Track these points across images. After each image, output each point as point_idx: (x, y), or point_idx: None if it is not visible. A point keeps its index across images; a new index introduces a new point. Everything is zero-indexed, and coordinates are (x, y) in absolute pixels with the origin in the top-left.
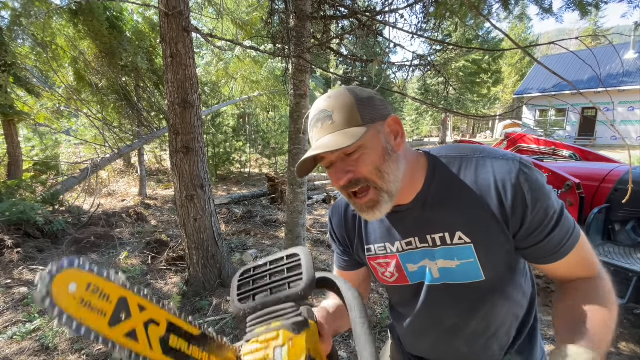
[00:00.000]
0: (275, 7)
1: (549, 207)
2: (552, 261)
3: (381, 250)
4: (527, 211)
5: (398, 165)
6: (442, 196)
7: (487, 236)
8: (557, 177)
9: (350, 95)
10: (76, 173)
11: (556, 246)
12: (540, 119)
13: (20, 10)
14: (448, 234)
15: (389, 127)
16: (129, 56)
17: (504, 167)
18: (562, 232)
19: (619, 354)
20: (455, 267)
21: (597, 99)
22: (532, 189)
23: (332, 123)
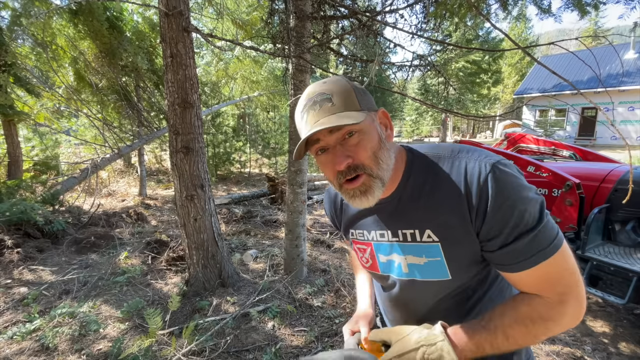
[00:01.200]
0: (275, 7)
1: (516, 213)
2: (512, 270)
3: (360, 235)
4: (487, 213)
5: (390, 155)
6: (416, 193)
7: (454, 236)
8: (557, 177)
9: (347, 83)
10: (76, 173)
11: (519, 255)
12: (540, 119)
13: (20, 10)
14: (418, 231)
15: (379, 119)
16: (129, 56)
17: (475, 167)
18: (531, 243)
19: (618, 354)
20: (423, 264)
21: (597, 99)
22: (499, 190)
23: (333, 105)
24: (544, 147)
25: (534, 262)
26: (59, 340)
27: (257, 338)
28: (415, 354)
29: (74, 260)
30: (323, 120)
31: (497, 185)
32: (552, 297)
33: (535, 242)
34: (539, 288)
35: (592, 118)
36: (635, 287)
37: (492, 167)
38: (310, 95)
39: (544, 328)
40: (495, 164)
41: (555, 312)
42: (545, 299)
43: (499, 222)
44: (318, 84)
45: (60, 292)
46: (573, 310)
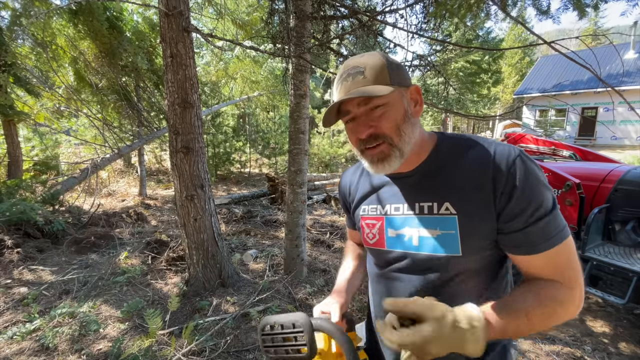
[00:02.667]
0: (275, 7)
1: (538, 196)
2: (529, 252)
3: (372, 210)
4: (515, 192)
5: (414, 129)
6: (440, 167)
7: (472, 210)
8: (557, 177)
9: (382, 58)
10: (76, 173)
11: (537, 237)
12: (540, 119)
13: (20, 10)
14: (437, 203)
15: (410, 94)
16: (129, 56)
17: (505, 150)
18: (547, 226)
19: (618, 354)
20: (436, 237)
21: (597, 99)
22: (525, 175)
23: (364, 78)
24: (543, 147)
25: (552, 244)
26: (59, 340)
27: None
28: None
29: (74, 260)
30: (353, 91)
31: (525, 168)
32: (563, 282)
33: (553, 225)
34: (553, 272)
35: (592, 118)
36: (635, 287)
37: (520, 152)
38: (346, 67)
39: (563, 311)
40: (523, 152)
41: (568, 296)
42: (558, 284)
43: (524, 202)
44: (355, 58)
45: (60, 292)
46: (579, 297)
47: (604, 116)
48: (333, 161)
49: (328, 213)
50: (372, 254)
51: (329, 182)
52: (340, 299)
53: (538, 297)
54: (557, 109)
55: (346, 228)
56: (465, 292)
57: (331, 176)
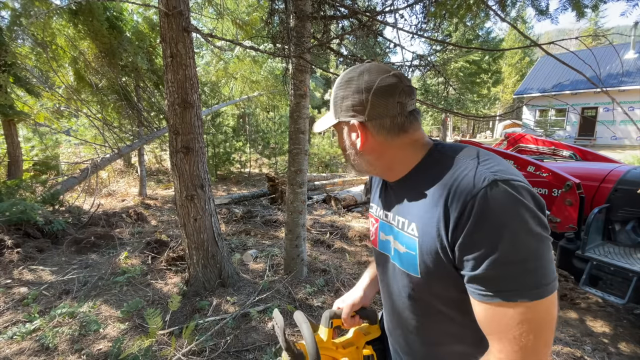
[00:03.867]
0: (275, 7)
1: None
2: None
3: (373, 210)
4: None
5: (362, 160)
6: (415, 185)
7: (430, 238)
8: (557, 177)
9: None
10: (76, 173)
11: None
12: (540, 119)
13: (20, 10)
14: (407, 221)
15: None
16: (129, 56)
17: (474, 179)
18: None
19: (618, 354)
20: (403, 253)
21: (597, 99)
22: (485, 213)
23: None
24: (543, 147)
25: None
26: (59, 340)
27: (257, 338)
28: None
29: (74, 260)
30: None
31: (488, 204)
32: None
33: (511, 278)
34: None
35: (592, 118)
36: (635, 287)
37: (489, 184)
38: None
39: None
40: (499, 180)
41: None
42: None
43: (475, 244)
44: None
45: (60, 292)
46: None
47: (604, 116)
48: (333, 161)
49: (328, 213)
50: (373, 250)
51: (329, 182)
52: (357, 294)
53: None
54: (557, 109)
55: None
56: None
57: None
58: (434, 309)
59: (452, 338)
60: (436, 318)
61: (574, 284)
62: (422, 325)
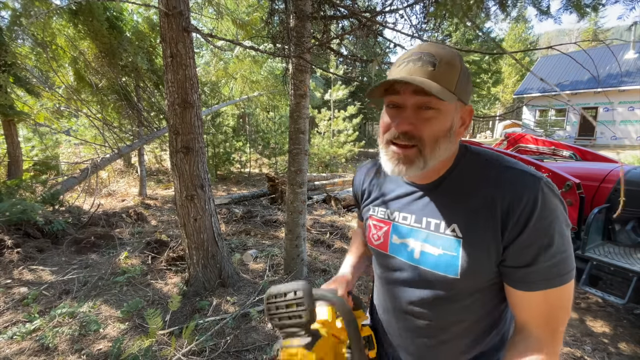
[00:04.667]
0: (275, 7)
1: (553, 233)
2: (524, 289)
3: (382, 213)
4: (529, 225)
5: (449, 147)
6: (455, 187)
7: (479, 237)
8: (557, 177)
9: (459, 62)
10: (76, 173)
11: (538, 276)
12: (540, 119)
13: (20, 10)
14: (444, 222)
15: (461, 112)
16: (129, 56)
17: (529, 178)
18: (552, 267)
19: (618, 354)
20: (437, 255)
21: (597, 99)
22: (545, 208)
23: (434, 70)
24: (543, 147)
25: (550, 285)
26: (59, 340)
27: (257, 338)
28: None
29: (74, 260)
30: (417, 78)
31: (546, 201)
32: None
33: (561, 266)
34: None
35: (593, 118)
36: (635, 287)
37: (542, 184)
38: (420, 49)
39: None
40: (546, 183)
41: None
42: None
43: (535, 238)
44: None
45: (60, 292)
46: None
47: (604, 116)
48: (333, 161)
49: (328, 213)
50: (375, 254)
51: (329, 182)
52: (347, 275)
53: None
54: (557, 109)
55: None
56: (461, 314)
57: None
58: (458, 306)
59: (463, 331)
60: (456, 316)
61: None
62: (437, 325)
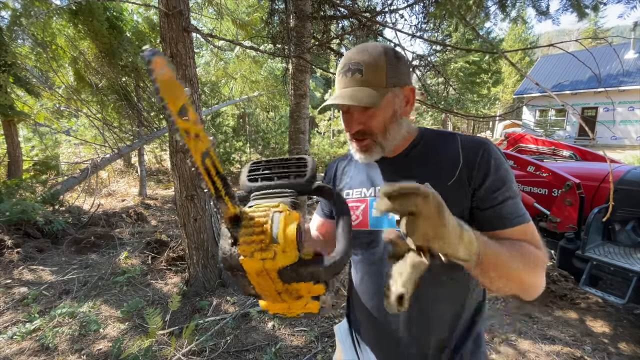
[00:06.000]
0: (275, 7)
1: (508, 179)
2: (507, 225)
3: (357, 194)
4: (490, 173)
5: (400, 128)
6: (421, 154)
7: (448, 192)
8: (557, 177)
9: (384, 57)
10: (76, 173)
11: (512, 213)
12: (540, 119)
13: (20, 10)
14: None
15: (404, 92)
16: (129, 56)
17: (478, 141)
18: (516, 205)
19: (618, 354)
20: None
21: (597, 99)
22: (496, 160)
23: (361, 77)
24: (543, 147)
25: (524, 220)
26: (59, 340)
27: (257, 338)
28: None
29: (74, 260)
30: (348, 90)
31: (495, 156)
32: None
33: (519, 205)
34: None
35: (592, 118)
36: (635, 287)
37: (490, 143)
38: (348, 60)
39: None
40: (492, 143)
41: (543, 259)
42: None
43: (498, 182)
44: (359, 52)
45: (60, 292)
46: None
47: (604, 116)
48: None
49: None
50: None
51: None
52: None
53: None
54: (557, 109)
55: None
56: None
57: None
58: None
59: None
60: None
61: (574, 284)
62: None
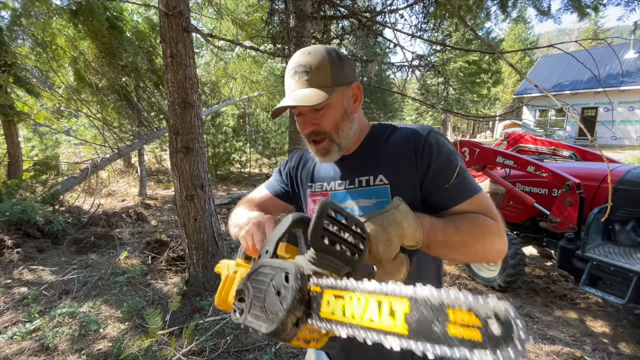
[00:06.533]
0: (275, 7)
1: (452, 158)
2: (458, 201)
3: (319, 188)
4: (432, 157)
5: (352, 125)
6: (373, 148)
7: (401, 179)
8: (557, 177)
9: (326, 59)
10: (76, 173)
11: (460, 189)
12: (540, 119)
13: (20, 10)
14: (372, 176)
15: (351, 92)
16: (129, 56)
17: (420, 130)
18: (464, 181)
19: (618, 354)
20: (372, 205)
21: (597, 99)
22: (438, 144)
23: (308, 79)
24: (543, 147)
25: (473, 193)
26: (59, 340)
27: (257, 338)
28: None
29: (74, 260)
30: (298, 92)
31: (437, 140)
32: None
33: (469, 181)
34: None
35: (592, 118)
36: (635, 287)
37: (431, 129)
38: (294, 63)
39: (490, 237)
40: (433, 129)
41: (495, 225)
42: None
43: (442, 164)
44: (303, 54)
45: (60, 292)
46: (504, 232)
47: (604, 116)
48: None
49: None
50: None
51: None
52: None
53: (467, 217)
54: (557, 109)
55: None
56: None
57: None
58: None
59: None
60: None
61: (574, 284)
62: None
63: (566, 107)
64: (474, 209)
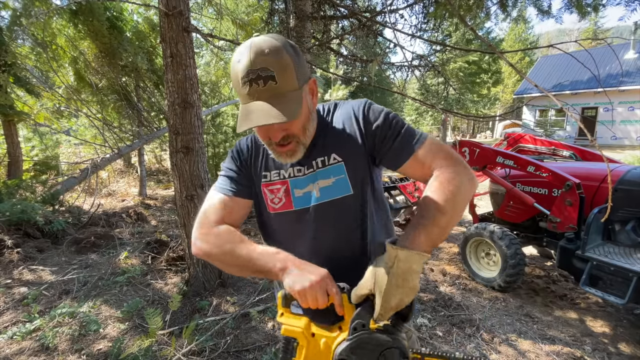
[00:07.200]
0: (275, 7)
1: (390, 117)
2: (410, 153)
3: (275, 176)
4: (373, 122)
5: (313, 122)
6: (323, 131)
7: (352, 153)
8: (557, 177)
9: (287, 55)
10: (76, 173)
11: (406, 143)
12: (540, 119)
13: (20, 10)
14: (326, 156)
15: (309, 87)
16: (129, 56)
17: (357, 102)
18: (408, 132)
19: (618, 354)
20: (331, 184)
21: (597, 99)
22: (374, 110)
23: (276, 84)
24: (543, 147)
25: (422, 140)
26: (59, 340)
27: (257, 338)
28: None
29: (74, 260)
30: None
31: (373, 107)
32: (443, 164)
33: (412, 131)
34: (433, 157)
35: (592, 118)
36: (635, 287)
37: (367, 100)
38: (253, 65)
39: (462, 185)
40: (369, 100)
41: (453, 172)
42: (441, 169)
43: (385, 126)
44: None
45: (60, 292)
46: (465, 169)
47: (604, 116)
48: None
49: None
50: (278, 219)
51: None
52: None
53: (435, 190)
54: (557, 109)
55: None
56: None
57: None
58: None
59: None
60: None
61: (574, 284)
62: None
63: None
64: (429, 155)
